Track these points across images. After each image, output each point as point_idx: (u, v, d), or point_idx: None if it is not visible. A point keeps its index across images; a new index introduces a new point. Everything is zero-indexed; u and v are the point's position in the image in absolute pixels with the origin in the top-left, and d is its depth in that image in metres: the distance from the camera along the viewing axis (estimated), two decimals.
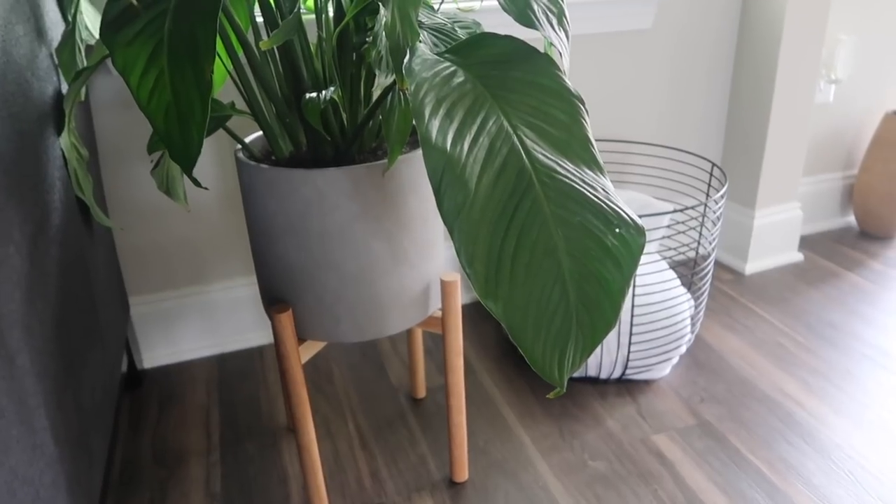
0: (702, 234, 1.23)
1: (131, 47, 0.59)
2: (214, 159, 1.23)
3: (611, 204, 0.57)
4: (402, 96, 0.75)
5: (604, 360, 1.19)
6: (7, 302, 0.57)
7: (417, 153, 0.81)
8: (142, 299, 1.28)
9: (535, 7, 0.68)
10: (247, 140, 0.90)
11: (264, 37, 1.06)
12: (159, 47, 0.59)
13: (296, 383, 0.86)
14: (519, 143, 0.57)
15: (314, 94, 0.75)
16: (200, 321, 1.32)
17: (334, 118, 0.83)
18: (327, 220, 0.78)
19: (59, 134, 0.82)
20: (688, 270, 1.61)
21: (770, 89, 1.45)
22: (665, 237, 1.17)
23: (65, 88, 0.88)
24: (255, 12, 1.16)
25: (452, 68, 0.60)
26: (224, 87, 1.19)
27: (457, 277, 0.89)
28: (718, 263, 1.65)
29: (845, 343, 1.31)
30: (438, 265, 0.90)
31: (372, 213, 0.79)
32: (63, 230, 0.78)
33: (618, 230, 0.56)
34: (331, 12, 0.85)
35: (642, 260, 1.19)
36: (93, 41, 0.93)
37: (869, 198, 1.71)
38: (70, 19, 0.90)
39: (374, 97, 0.86)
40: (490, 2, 1.28)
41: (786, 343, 1.32)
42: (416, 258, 0.85)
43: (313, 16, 1.10)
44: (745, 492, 0.97)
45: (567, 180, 0.57)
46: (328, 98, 0.74)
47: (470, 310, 1.49)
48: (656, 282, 1.17)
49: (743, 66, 1.51)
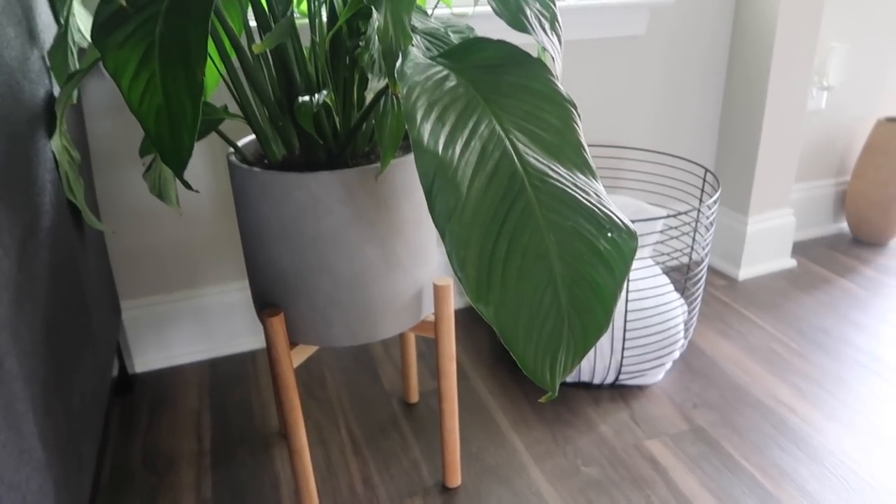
0: (695, 239, 1.23)
1: (122, 50, 0.59)
2: (207, 163, 1.23)
3: (603, 208, 0.57)
4: (395, 100, 0.75)
5: (597, 365, 1.19)
6: None
7: (410, 157, 0.81)
8: (134, 303, 1.27)
9: (528, 11, 0.68)
10: (239, 144, 0.90)
11: (257, 40, 1.06)
12: (151, 50, 0.59)
13: (288, 388, 0.86)
14: (511, 147, 0.57)
15: (307, 98, 0.75)
16: (193, 325, 1.32)
17: (327, 122, 0.83)
18: (321, 224, 0.78)
19: (50, 137, 0.82)
20: (681, 276, 1.61)
21: (763, 96, 1.46)
22: (658, 242, 1.17)
23: (57, 91, 0.88)
24: (249, 16, 1.16)
25: (445, 72, 0.60)
26: (217, 91, 1.19)
27: (450, 282, 0.89)
28: (711, 269, 1.65)
29: (838, 349, 1.32)
30: (431, 269, 0.90)
31: (365, 218, 0.78)
32: (54, 233, 0.78)
33: (610, 234, 0.56)
34: (324, 16, 0.85)
35: (635, 265, 1.20)
36: (85, 44, 0.92)
37: (861, 204, 1.72)
38: (62, 21, 0.90)
39: (367, 101, 0.86)
40: (484, 7, 1.28)
41: (779, 349, 1.32)
42: (408, 262, 0.84)
43: (306, 20, 1.10)
44: (738, 497, 0.97)
45: (559, 184, 0.57)
46: (321, 102, 0.73)
47: (463, 314, 1.48)
48: (649, 287, 1.17)
49: (736, 72, 1.52)
